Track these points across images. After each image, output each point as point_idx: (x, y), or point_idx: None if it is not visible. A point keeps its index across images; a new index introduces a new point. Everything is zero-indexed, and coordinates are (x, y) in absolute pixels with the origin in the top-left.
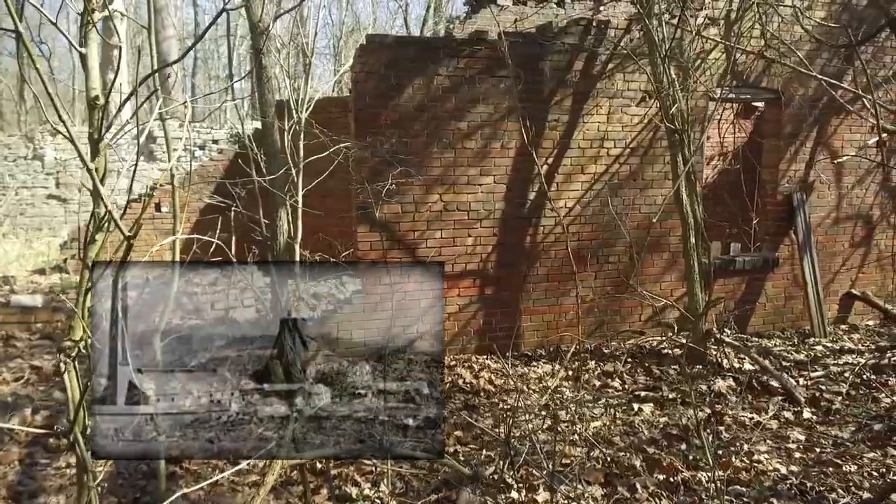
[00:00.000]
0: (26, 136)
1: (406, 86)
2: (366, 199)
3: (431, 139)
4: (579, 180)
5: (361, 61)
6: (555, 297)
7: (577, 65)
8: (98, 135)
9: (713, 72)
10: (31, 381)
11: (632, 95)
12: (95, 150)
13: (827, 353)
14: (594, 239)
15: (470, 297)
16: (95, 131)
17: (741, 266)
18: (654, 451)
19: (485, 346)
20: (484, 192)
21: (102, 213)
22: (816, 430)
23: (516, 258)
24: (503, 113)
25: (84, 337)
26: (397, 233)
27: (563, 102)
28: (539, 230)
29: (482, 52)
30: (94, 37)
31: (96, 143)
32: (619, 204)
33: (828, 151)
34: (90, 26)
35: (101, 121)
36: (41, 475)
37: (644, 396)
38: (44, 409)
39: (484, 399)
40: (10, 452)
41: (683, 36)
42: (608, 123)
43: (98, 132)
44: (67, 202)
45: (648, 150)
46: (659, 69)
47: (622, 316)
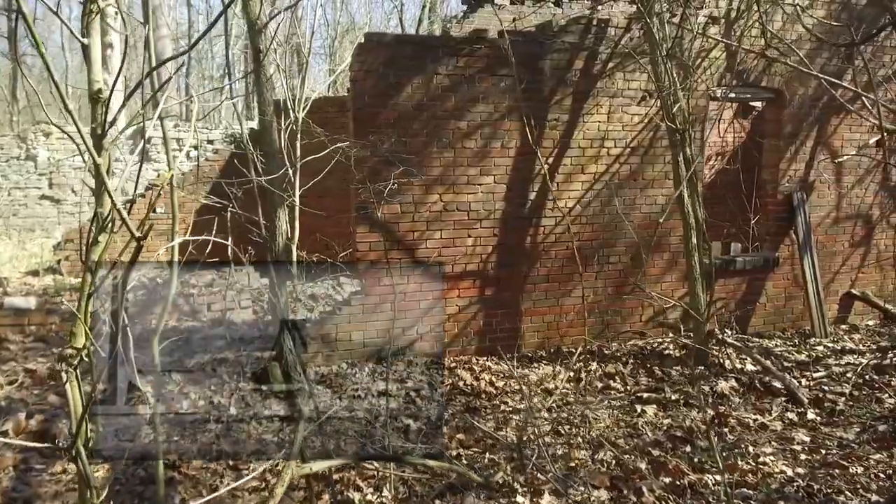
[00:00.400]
0: (19, 137)
1: (405, 85)
2: (365, 199)
3: (431, 139)
4: (580, 180)
5: (360, 60)
6: (555, 297)
7: (578, 64)
8: (101, 130)
9: (713, 71)
10: (26, 385)
11: (632, 95)
12: (99, 147)
13: (828, 353)
14: (595, 239)
15: (470, 297)
16: (98, 126)
17: (741, 266)
18: (660, 454)
19: (485, 348)
20: (484, 192)
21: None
22: (821, 432)
23: (517, 259)
24: (503, 112)
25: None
26: (397, 233)
27: (564, 102)
28: (540, 230)
29: (482, 51)
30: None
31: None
32: (619, 204)
33: (828, 151)
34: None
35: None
36: (36, 481)
37: (647, 398)
38: (38, 414)
39: (485, 401)
40: (4, 458)
41: (684, 35)
42: (608, 123)
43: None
44: (61, 203)
45: (649, 149)
46: (660, 68)
47: (623, 316)
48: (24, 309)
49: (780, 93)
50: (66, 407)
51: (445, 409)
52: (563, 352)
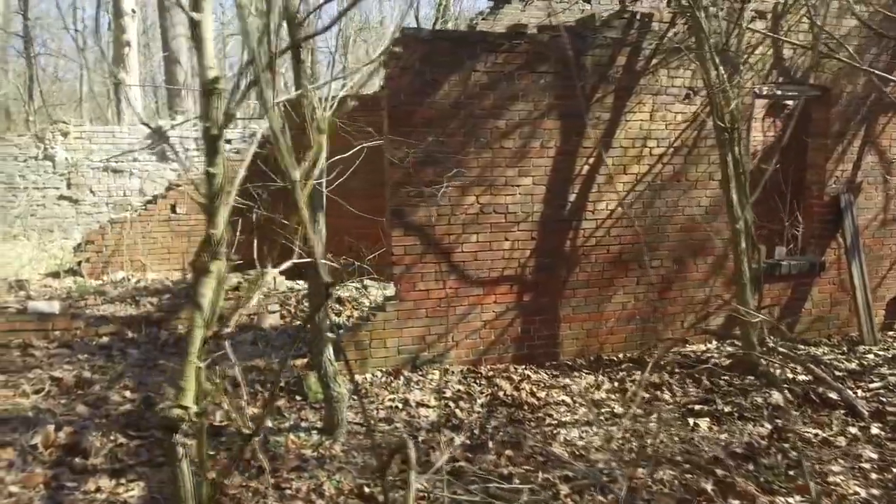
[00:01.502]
0: (37, 136)
1: (442, 82)
2: (401, 201)
3: (468, 138)
4: (621, 181)
5: (396, 56)
6: (595, 303)
7: (620, 60)
8: (217, 129)
9: (759, 67)
10: (52, 394)
11: (676, 92)
12: (213, 150)
13: (880, 361)
14: (637, 242)
15: (507, 303)
16: (214, 125)
17: (787, 270)
18: (724, 473)
19: (523, 355)
20: (522, 193)
21: (219, 235)
22: (888, 448)
23: (555, 263)
24: (543, 110)
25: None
26: (432, 236)
27: (605, 99)
28: (579, 233)
29: (522, 47)
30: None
31: (213, 140)
32: (662, 205)
33: (876, 150)
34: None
35: (221, 111)
36: (69, 500)
37: (699, 410)
38: (67, 426)
39: (528, 413)
40: (35, 474)
41: (731, 29)
42: (651, 121)
43: (217, 126)
44: (79, 203)
45: (693, 149)
46: (708, 64)
47: (664, 323)
48: (48, 313)
49: (827, 90)
50: (95, 419)
51: (488, 420)
52: (604, 360)
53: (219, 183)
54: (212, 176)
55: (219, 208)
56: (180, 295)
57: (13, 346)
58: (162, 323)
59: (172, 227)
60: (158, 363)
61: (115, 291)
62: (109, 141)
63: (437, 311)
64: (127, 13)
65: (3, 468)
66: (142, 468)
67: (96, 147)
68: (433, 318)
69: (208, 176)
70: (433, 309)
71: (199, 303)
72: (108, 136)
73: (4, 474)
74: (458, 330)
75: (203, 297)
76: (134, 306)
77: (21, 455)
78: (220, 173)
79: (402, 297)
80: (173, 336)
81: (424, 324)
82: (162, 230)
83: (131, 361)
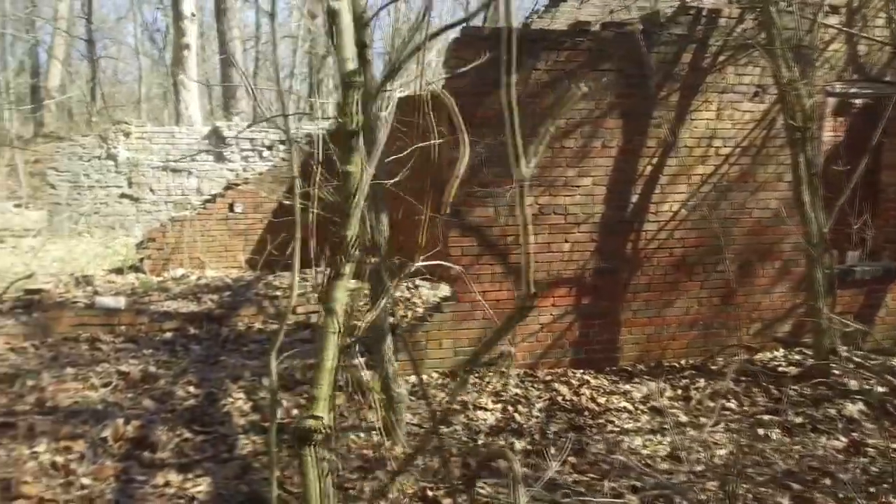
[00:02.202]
0: (100, 136)
1: None
2: (458, 201)
3: (529, 138)
4: (685, 182)
5: (456, 56)
6: (657, 308)
7: (685, 57)
8: (354, 125)
9: (832, 64)
10: (119, 388)
11: (744, 90)
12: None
13: None
14: (700, 245)
15: (565, 306)
16: (351, 121)
17: (860, 276)
18: (801, 488)
19: (581, 360)
20: (582, 194)
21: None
22: None
23: (616, 266)
24: (604, 109)
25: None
26: (490, 238)
27: (669, 98)
28: (641, 236)
29: (584, 45)
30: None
31: (350, 136)
32: (728, 207)
33: None
34: None
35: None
36: (139, 493)
37: (768, 421)
38: (135, 419)
39: (589, 419)
40: (106, 467)
41: (806, 24)
42: (717, 120)
43: (354, 121)
44: (139, 201)
45: (761, 149)
46: (780, 60)
47: (729, 329)
48: (114, 308)
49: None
50: (161, 413)
51: (548, 426)
52: (665, 366)
53: (355, 182)
54: (347, 174)
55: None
56: (240, 292)
57: (82, 339)
58: (223, 320)
59: (230, 226)
60: (220, 359)
61: (177, 288)
62: (169, 141)
63: (494, 314)
64: (186, 16)
65: (75, 460)
66: (207, 463)
67: (157, 147)
68: (489, 319)
69: (345, 175)
70: (490, 311)
71: (332, 308)
72: (168, 136)
73: (77, 466)
74: (515, 333)
75: (336, 302)
76: (195, 303)
77: (92, 447)
78: (356, 172)
79: (459, 298)
80: (234, 333)
81: (481, 325)
82: (220, 228)
83: (194, 357)
